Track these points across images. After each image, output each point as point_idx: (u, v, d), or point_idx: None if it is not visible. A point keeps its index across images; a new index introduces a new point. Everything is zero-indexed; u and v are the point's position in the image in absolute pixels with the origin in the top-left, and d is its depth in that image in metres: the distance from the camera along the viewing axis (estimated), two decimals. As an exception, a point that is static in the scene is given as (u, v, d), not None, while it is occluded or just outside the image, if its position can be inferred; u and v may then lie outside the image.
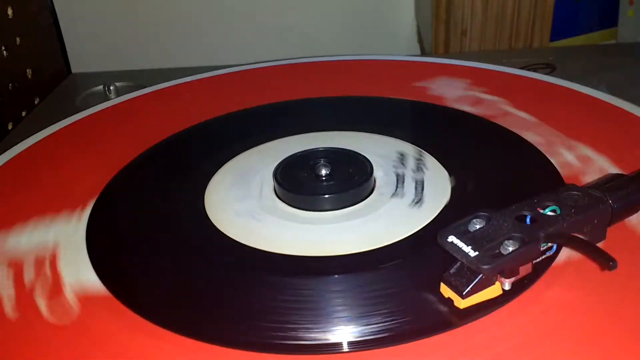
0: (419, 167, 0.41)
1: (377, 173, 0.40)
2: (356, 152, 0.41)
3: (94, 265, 0.34)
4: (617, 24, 0.75)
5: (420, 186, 0.39)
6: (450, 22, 0.73)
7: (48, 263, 0.34)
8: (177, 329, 0.29)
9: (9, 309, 0.31)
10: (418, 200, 0.38)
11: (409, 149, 0.44)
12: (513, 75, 0.55)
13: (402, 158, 0.42)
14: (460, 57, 0.65)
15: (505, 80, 0.54)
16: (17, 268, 0.34)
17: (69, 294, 0.32)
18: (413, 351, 0.27)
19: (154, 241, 0.37)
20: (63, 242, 0.36)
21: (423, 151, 0.43)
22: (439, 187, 0.39)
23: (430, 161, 0.42)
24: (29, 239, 0.37)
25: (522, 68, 0.59)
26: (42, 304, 0.31)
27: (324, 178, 0.39)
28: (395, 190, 0.39)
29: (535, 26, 0.73)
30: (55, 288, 0.32)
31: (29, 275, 0.34)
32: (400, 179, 0.40)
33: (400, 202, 0.38)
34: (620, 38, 0.75)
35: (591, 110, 0.48)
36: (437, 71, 0.57)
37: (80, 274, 0.33)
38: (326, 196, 0.38)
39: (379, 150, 0.43)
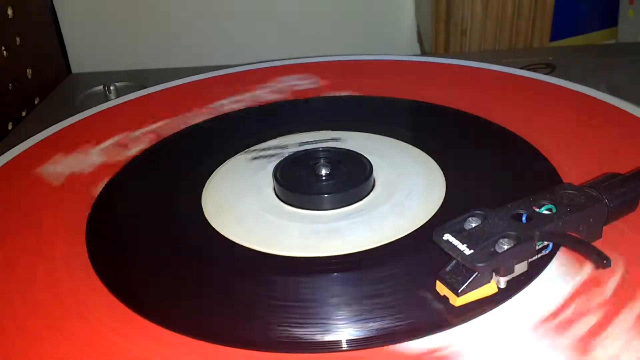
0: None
1: (377, 172, 0.40)
2: (356, 152, 0.41)
3: (93, 265, 0.34)
4: (617, 23, 0.75)
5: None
6: (450, 22, 0.73)
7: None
8: (177, 329, 0.29)
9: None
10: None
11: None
12: (513, 75, 0.55)
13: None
14: (460, 57, 0.65)
15: (505, 80, 0.54)
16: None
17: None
18: (410, 350, 0.27)
19: (151, 241, 0.37)
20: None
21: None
22: (436, 187, 0.39)
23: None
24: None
25: (522, 68, 0.59)
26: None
27: (323, 177, 0.39)
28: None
29: (535, 26, 0.73)
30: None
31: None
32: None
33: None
34: (620, 38, 0.75)
35: (591, 110, 0.48)
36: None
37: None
38: (326, 195, 0.38)
39: (379, 150, 0.43)
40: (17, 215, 0.39)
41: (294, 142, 0.45)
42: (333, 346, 0.28)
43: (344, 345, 0.28)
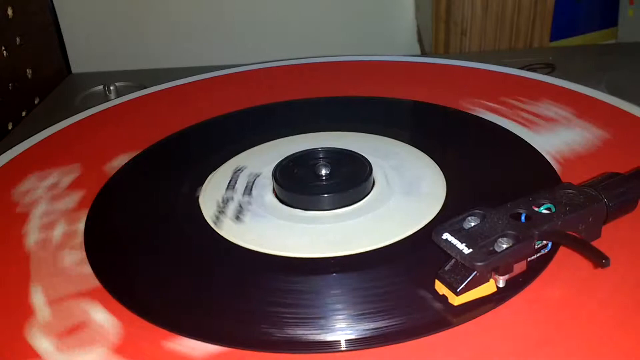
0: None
1: (376, 173, 0.40)
2: (356, 152, 0.41)
3: (92, 265, 0.34)
4: (617, 23, 0.75)
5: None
6: (450, 22, 0.73)
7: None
8: (177, 329, 0.29)
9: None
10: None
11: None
12: (513, 75, 0.55)
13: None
14: (460, 57, 0.65)
15: (505, 80, 0.54)
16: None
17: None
18: (408, 349, 0.27)
19: (150, 241, 0.37)
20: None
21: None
22: (436, 187, 0.39)
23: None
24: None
25: (522, 68, 0.59)
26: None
27: (323, 178, 0.39)
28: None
29: (535, 26, 0.73)
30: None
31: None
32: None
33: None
34: (620, 38, 0.75)
35: (591, 110, 0.48)
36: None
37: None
38: (325, 196, 0.38)
39: (379, 150, 0.43)
40: (17, 215, 0.39)
41: (298, 143, 0.45)
42: (332, 347, 0.28)
43: (343, 346, 0.28)
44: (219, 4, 0.80)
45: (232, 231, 0.36)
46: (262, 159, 0.43)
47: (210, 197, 0.40)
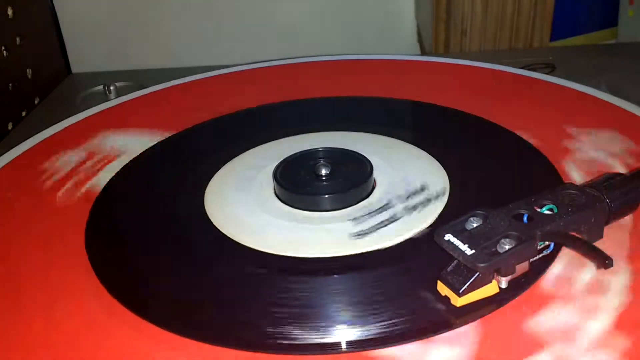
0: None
1: (377, 173, 0.40)
2: (356, 152, 0.41)
3: (93, 264, 0.34)
4: (617, 24, 0.75)
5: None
6: (450, 22, 0.73)
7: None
8: (177, 330, 0.29)
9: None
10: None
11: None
12: (513, 75, 0.55)
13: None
14: (460, 57, 0.65)
15: (505, 80, 0.54)
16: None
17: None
18: (411, 351, 0.27)
19: (153, 241, 0.37)
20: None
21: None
22: (438, 187, 0.39)
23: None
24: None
25: (522, 68, 0.59)
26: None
27: (323, 178, 0.39)
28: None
29: (535, 26, 0.73)
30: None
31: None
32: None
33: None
34: (620, 38, 0.75)
35: (591, 110, 0.48)
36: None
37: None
38: (326, 196, 0.38)
39: (379, 150, 0.43)
40: (17, 215, 0.39)
41: (298, 143, 0.45)
42: (333, 348, 0.28)
43: (344, 347, 0.28)
44: (219, 4, 0.80)
45: (232, 230, 0.36)
46: (263, 159, 0.43)
47: (214, 197, 0.40)
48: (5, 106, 0.62)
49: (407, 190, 0.39)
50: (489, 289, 0.29)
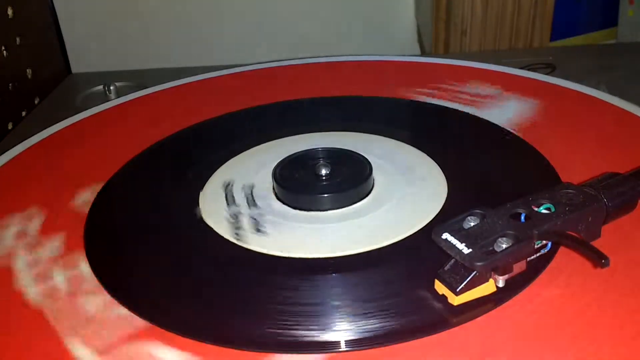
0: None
1: (376, 173, 0.40)
2: (356, 152, 0.41)
3: (92, 264, 0.34)
4: (617, 23, 0.75)
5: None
6: (450, 22, 0.73)
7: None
8: (177, 331, 0.29)
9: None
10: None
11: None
12: (513, 75, 0.55)
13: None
14: (460, 57, 0.65)
15: (505, 80, 0.54)
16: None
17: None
18: (408, 350, 0.27)
19: (149, 242, 0.37)
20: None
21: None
22: (437, 187, 0.39)
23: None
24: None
25: (522, 68, 0.59)
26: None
27: (323, 178, 0.39)
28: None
29: (535, 26, 0.73)
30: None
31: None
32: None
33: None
34: (620, 38, 0.75)
35: (591, 110, 0.48)
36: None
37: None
38: (325, 196, 0.38)
39: (379, 150, 0.43)
40: (16, 216, 0.39)
41: (298, 143, 0.45)
42: (332, 347, 0.28)
43: (343, 346, 0.28)
44: (219, 4, 0.80)
45: (233, 231, 0.36)
46: (263, 159, 0.43)
47: (212, 197, 0.40)
48: (5, 106, 0.62)
49: (406, 190, 0.39)
50: (486, 288, 0.29)
